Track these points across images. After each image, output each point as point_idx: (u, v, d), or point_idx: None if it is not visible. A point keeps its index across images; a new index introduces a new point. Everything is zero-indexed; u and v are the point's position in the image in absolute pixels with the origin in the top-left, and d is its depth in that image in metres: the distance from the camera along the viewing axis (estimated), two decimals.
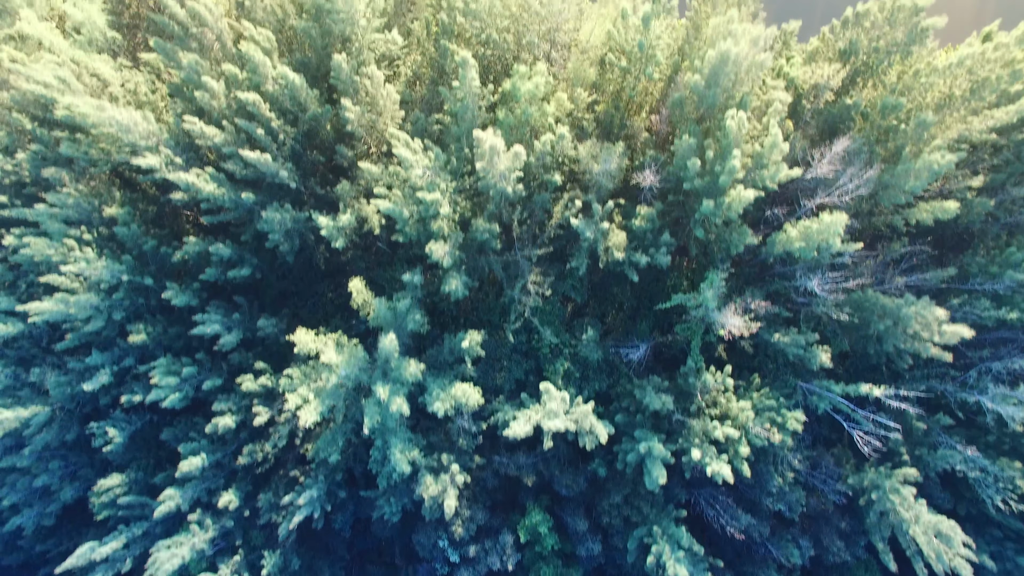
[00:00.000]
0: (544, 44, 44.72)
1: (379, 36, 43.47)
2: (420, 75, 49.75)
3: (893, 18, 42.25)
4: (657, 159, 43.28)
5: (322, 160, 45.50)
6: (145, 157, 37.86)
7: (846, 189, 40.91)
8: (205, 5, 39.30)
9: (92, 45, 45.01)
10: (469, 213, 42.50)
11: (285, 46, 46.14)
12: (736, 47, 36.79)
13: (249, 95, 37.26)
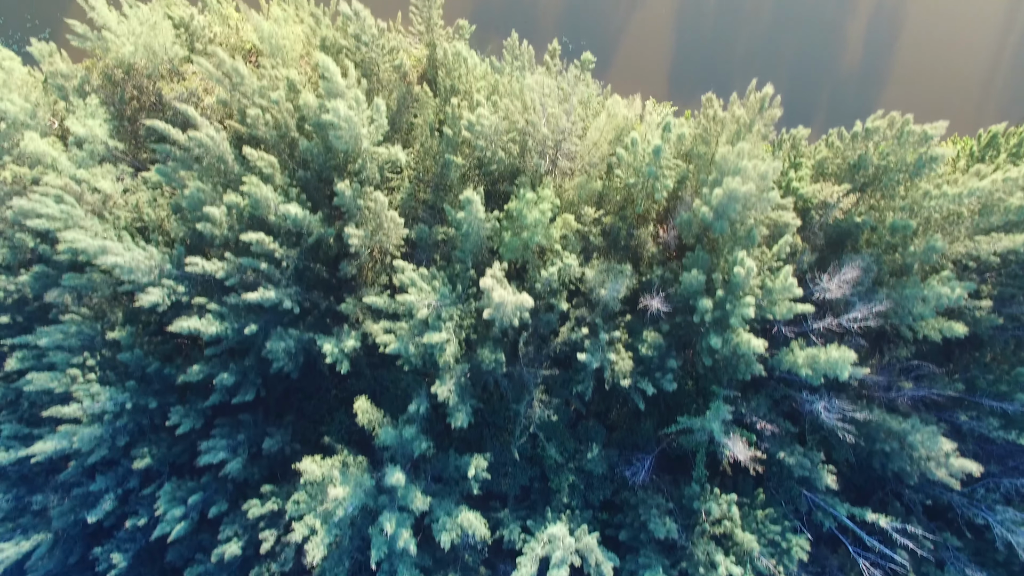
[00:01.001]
0: (550, 151, 44.24)
1: (381, 151, 42.93)
2: (424, 179, 49.38)
3: (903, 140, 41.79)
4: (665, 279, 42.96)
5: (325, 274, 45.13)
6: (148, 294, 37.52)
7: (855, 318, 40.62)
8: (208, 134, 38.80)
9: (94, 157, 44.54)
10: (475, 335, 42.24)
11: (286, 150, 45.66)
12: (744, 186, 36.39)
13: (252, 236, 36.89)
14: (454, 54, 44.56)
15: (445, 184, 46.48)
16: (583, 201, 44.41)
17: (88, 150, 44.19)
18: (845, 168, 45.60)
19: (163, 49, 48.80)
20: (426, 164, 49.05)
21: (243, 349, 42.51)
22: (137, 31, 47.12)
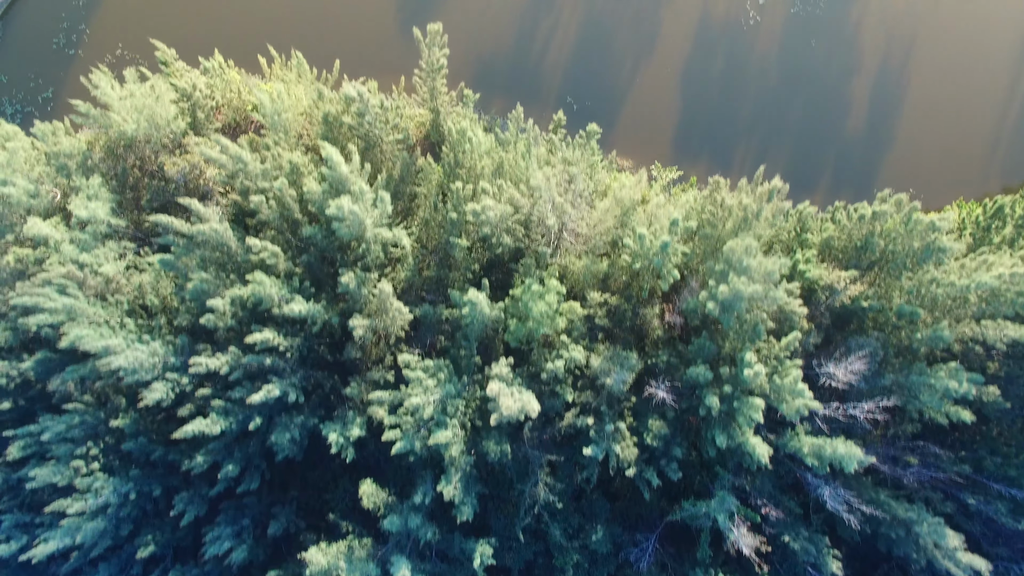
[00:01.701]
0: (555, 235, 44.02)
1: (386, 234, 42.69)
2: (427, 246, 49.18)
3: (910, 227, 41.57)
4: (670, 364, 42.76)
5: (329, 356, 44.94)
6: (152, 391, 37.36)
7: (862, 408, 40.44)
8: (212, 227, 38.58)
9: (96, 237, 44.32)
10: (480, 421, 42.06)
11: (288, 228, 45.42)
12: (750, 287, 36.19)
13: (256, 336, 36.69)
14: (459, 131, 44.27)
15: (449, 262, 46.29)
16: (588, 284, 44.21)
17: (91, 231, 43.93)
18: (851, 248, 45.40)
19: (165, 122, 48.59)
20: (429, 231, 48.92)
21: (247, 433, 42.32)
22: (140, 106, 46.85)
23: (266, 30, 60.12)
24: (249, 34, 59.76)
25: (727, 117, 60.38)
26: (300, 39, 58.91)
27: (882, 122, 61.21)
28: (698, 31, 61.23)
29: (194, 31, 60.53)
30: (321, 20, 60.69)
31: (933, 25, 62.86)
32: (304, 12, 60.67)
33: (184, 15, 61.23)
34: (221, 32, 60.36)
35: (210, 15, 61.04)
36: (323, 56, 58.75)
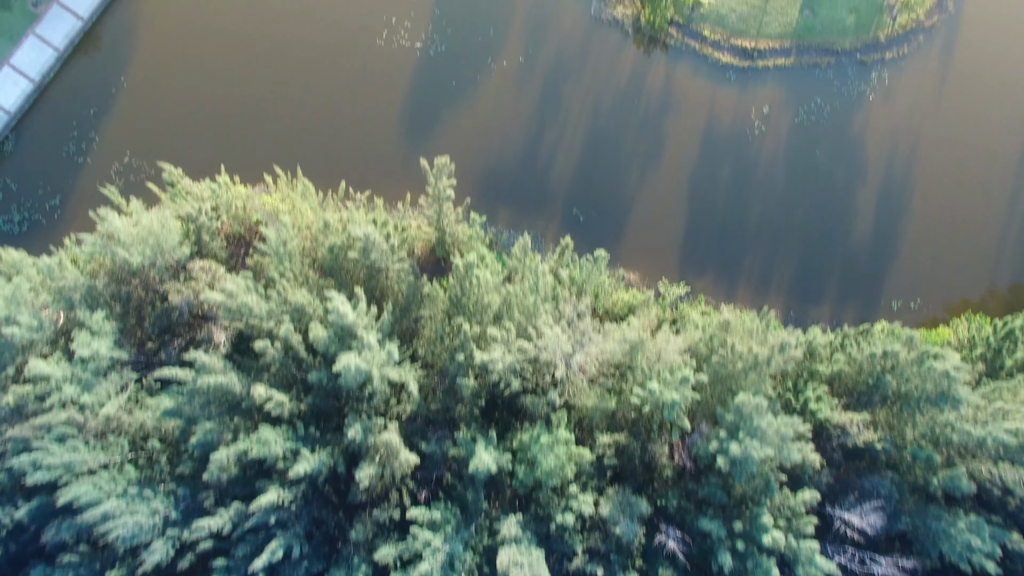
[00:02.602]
0: (563, 379, 43.47)
1: (392, 375, 42.11)
2: (432, 366, 48.70)
3: (924, 371, 41.04)
4: (681, 507, 41.83)
5: (335, 497, 43.99)
6: (152, 553, 36.36)
7: (881, 564, 39.38)
8: (216, 379, 38.05)
9: (98, 373, 43.78)
10: (487, 569, 40.93)
11: (293, 364, 44.88)
12: (762, 451, 35.51)
13: (261, 500, 35.87)
14: (466, 266, 44.07)
15: (455, 393, 45.68)
16: (598, 421, 43.56)
17: (92, 368, 43.40)
18: (862, 383, 44.84)
19: (171, 248, 48.48)
20: (435, 352, 48.44)
21: None
22: (145, 235, 46.81)
23: (273, 143, 60.59)
24: (256, 149, 60.23)
25: (733, 227, 60.42)
26: (306, 154, 59.38)
27: (888, 230, 61.23)
28: (704, 141, 61.70)
29: (203, 143, 60.93)
30: (328, 136, 61.01)
31: (936, 132, 63.38)
32: (311, 128, 61.05)
33: (193, 127, 61.72)
34: (229, 144, 60.77)
35: (219, 128, 61.49)
36: (329, 169, 59.43)
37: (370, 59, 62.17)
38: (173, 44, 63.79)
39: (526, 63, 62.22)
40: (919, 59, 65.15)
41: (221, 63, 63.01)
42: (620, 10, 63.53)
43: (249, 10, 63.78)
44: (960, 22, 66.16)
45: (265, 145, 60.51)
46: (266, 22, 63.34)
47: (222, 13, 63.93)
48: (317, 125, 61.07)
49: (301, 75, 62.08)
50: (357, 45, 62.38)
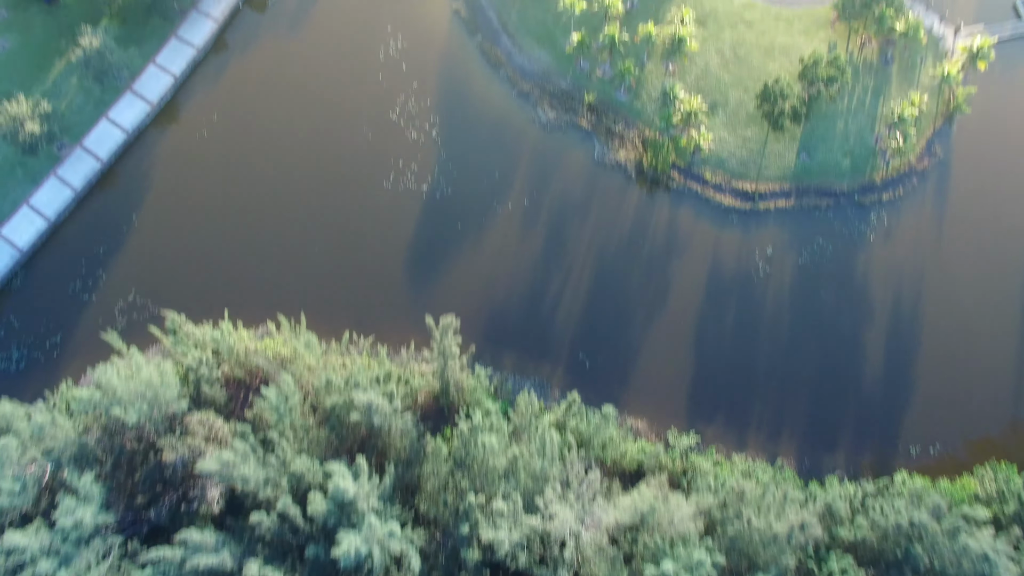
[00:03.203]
0: (572, 548, 40.95)
1: (395, 546, 39.60)
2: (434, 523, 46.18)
3: (959, 550, 38.61)
4: None
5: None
6: None
7: None
8: (207, 558, 35.63)
9: (80, 544, 41.29)
10: None
11: (289, 531, 42.47)
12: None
13: None
14: (470, 430, 42.63)
15: (459, 564, 42.98)
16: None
17: (74, 537, 40.99)
18: (889, 553, 42.21)
19: (168, 403, 47.19)
20: (437, 507, 45.98)
21: None
22: (143, 389, 45.63)
23: (278, 286, 60.56)
24: (261, 291, 60.21)
25: (742, 371, 59.35)
26: (310, 297, 59.29)
27: (901, 371, 60.06)
28: (709, 283, 61.81)
29: (208, 284, 60.98)
30: (332, 279, 61.04)
31: (940, 271, 63.55)
32: (315, 271, 61.18)
33: (200, 268, 61.97)
34: (234, 286, 60.80)
35: (225, 270, 61.70)
36: (333, 312, 59.04)
37: (376, 202, 63.45)
38: (186, 186, 65.27)
39: (531, 206, 63.42)
40: (915, 201, 66.47)
41: (230, 205, 64.17)
42: (623, 154, 65.52)
43: (259, 154, 65.74)
44: (951, 165, 68.07)
45: (270, 288, 60.50)
46: (275, 166, 65.13)
47: (234, 157, 65.83)
48: (322, 268, 61.33)
49: (308, 218, 63.06)
50: (364, 188, 63.88)
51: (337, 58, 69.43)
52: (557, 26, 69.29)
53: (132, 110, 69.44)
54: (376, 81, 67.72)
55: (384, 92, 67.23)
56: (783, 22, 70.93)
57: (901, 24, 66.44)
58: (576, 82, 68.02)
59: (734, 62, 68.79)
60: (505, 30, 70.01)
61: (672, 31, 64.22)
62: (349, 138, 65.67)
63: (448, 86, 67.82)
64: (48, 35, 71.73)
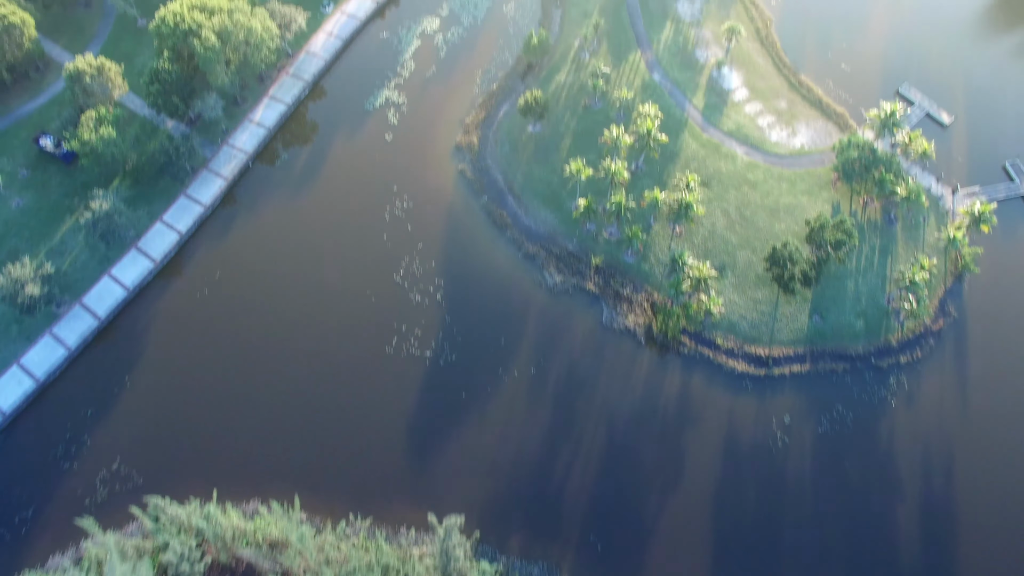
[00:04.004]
0: None
1: None
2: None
3: None
4: None
5: None
6: None
7: None
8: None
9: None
10: None
11: None
12: None
13: None
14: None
15: None
16: None
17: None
18: None
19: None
20: None
21: None
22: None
23: (271, 459, 57.38)
24: (253, 466, 56.96)
25: (765, 550, 54.83)
26: (305, 474, 56.03)
27: (938, 550, 55.22)
28: (725, 455, 58.51)
29: (199, 455, 57.83)
30: (328, 453, 57.82)
31: (969, 438, 60.12)
32: (311, 445, 58.04)
33: (190, 437, 58.96)
34: (225, 459, 57.64)
35: (217, 440, 58.67)
36: (329, 490, 55.12)
37: (378, 369, 61.40)
38: (181, 347, 63.47)
39: (538, 374, 61.25)
40: (934, 363, 64.27)
41: (225, 370, 62.08)
42: (632, 319, 64.16)
43: (258, 317, 64.52)
44: (966, 325, 66.48)
45: (263, 460, 57.24)
46: (273, 329, 63.73)
47: (232, 318, 64.53)
48: (319, 440, 58.25)
49: (305, 387, 60.74)
50: (365, 354, 62.03)
51: (343, 217, 69.94)
52: (563, 188, 70.21)
53: (135, 267, 69.06)
54: (381, 241, 67.74)
55: (389, 253, 67.07)
56: (786, 182, 71.96)
57: (902, 189, 67.21)
58: (583, 244, 67.94)
59: (740, 223, 69.07)
60: (511, 191, 70.89)
61: (678, 196, 64.73)
62: (352, 301, 64.75)
63: (453, 248, 67.75)
64: (63, 193, 72.85)
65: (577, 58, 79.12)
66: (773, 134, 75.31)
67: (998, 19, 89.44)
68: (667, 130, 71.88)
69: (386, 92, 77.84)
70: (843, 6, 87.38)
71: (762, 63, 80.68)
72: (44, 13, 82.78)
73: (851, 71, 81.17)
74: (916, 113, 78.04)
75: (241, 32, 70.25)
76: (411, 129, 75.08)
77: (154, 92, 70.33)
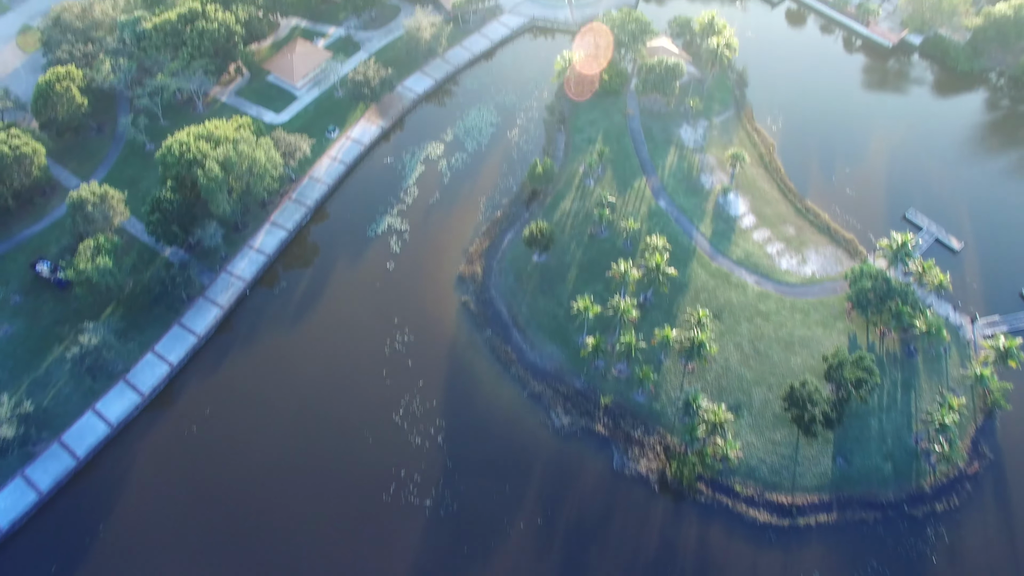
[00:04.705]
0: None
1: None
2: None
3: None
4: None
5: None
6: None
7: None
8: None
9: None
10: None
11: None
12: None
13: None
14: None
15: None
16: None
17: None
18: None
19: None
20: None
21: None
22: None
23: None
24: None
25: None
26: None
27: None
28: None
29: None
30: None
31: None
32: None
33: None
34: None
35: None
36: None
37: (374, 519, 56.82)
38: (162, 493, 59.08)
39: (545, 525, 56.64)
40: (975, 511, 59.28)
41: (207, 520, 57.40)
42: (644, 464, 60.03)
43: (247, 459, 60.59)
44: (1004, 466, 62.04)
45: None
46: (262, 476, 59.58)
47: (219, 461, 60.55)
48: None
49: (297, 538, 56.01)
50: (361, 502, 57.62)
51: (341, 351, 67.31)
52: (569, 321, 67.77)
53: (121, 401, 65.63)
54: (380, 378, 64.75)
55: (388, 391, 63.91)
56: (799, 313, 69.64)
57: (921, 322, 64.65)
58: (591, 382, 64.80)
59: (754, 357, 66.19)
60: (515, 324, 68.54)
61: (690, 334, 62.03)
62: (348, 443, 60.95)
63: (455, 385, 64.70)
64: (54, 320, 70.51)
65: (582, 185, 79.01)
66: (783, 262, 73.80)
67: (997, 140, 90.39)
68: (675, 259, 70.46)
69: (389, 218, 77.28)
70: (843, 130, 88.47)
71: (767, 188, 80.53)
72: (57, 141, 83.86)
73: (856, 195, 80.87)
74: (925, 239, 76.89)
75: (245, 162, 70.28)
76: (413, 258, 73.81)
77: (154, 221, 69.44)
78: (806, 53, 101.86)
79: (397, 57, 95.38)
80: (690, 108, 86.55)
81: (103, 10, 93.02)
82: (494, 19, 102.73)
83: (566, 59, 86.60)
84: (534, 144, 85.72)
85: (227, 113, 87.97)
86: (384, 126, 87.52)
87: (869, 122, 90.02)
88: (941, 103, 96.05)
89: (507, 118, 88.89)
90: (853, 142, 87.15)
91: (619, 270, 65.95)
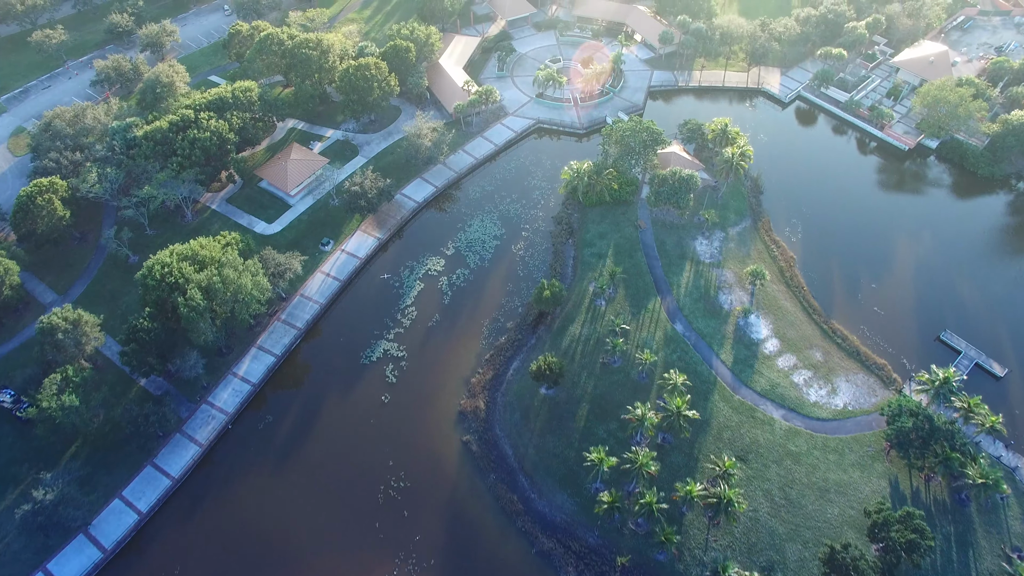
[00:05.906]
0: None
1: None
2: None
3: None
4: None
5: None
6: None
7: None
8: None
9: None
10: None
11: None
12: None
13: None
14: None
15: None
16: None
17: None
18: None
19: None
20: None
21: None
22: None
23: None
24: None
25: None
26: None
27: None
28: None
29: None
30: None
31: None
32: None
33: None
34: None
35: None
36: None
37: None
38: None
39: None
40: None
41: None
42: None
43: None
44: None
45: None
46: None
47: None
48: None
49: None
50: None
51: (329, 499, 60.19)
52: (580, 465, 60.87)
53: (79, 559, 58.07)
54: (372, 531, 57.50)
55: (381, 546, 56.59)
56: (833, 453, 63.06)
57: (974, 471, 57.99)
58: (606, 538, 57.44)
59: (786, 507, 59.27)
60: (522, 469, 61.73)
61: (716, 491, 55.32)
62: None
63: (455, 541, 57.35)
64: (9, 460, 63.60)
65: (593, 306, 73.73)
66: (811, 393, 67.73)
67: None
68: (695, 392, 64.51)
69: (384, 344, 71.50)
70: (865, 240, 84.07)
71: (790, 308, 75.23)
72: (35, 254, 79.30)
73: (885, 314, 75.43)
74: (963, 364, 71.07)
75: (230, 289, 65.15)
76: (410, 390, 67.55)
77: (129, 352, 63.67)
78: (821, 155, 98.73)
79: (396, 162, 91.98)
80: (704, 220, 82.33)
81: (95, 116, 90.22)
82: (497, 121, 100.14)
83: (574, 169, 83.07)
84: (540, 259, 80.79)
85: (217, 222, 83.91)
86: (381, 237, 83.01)
87: (892, 230, 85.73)
88: (964, 208, 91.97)
89: (512, 229, 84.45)
90: (877, 253, 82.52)
91: (636, 414, 59.66)
